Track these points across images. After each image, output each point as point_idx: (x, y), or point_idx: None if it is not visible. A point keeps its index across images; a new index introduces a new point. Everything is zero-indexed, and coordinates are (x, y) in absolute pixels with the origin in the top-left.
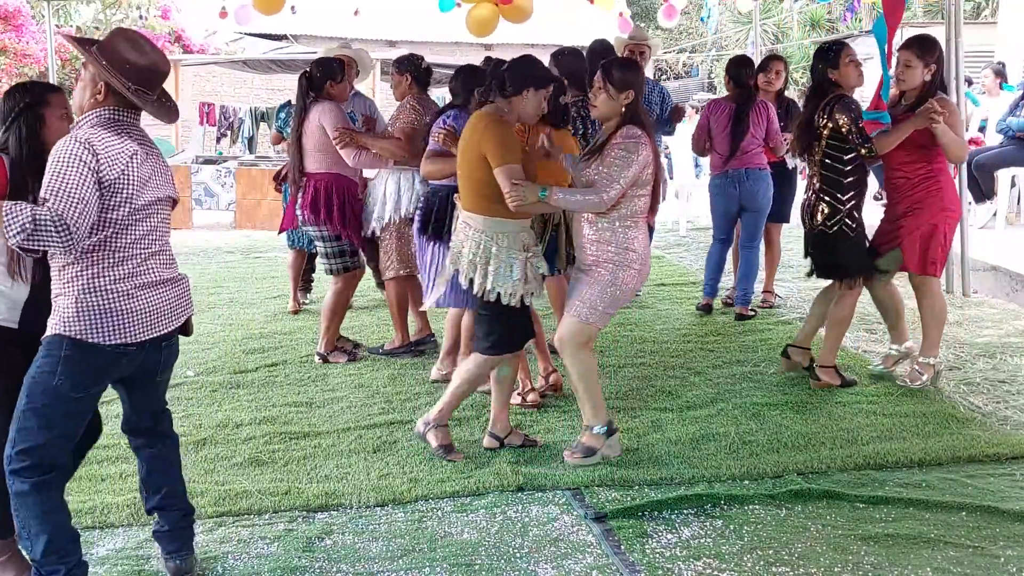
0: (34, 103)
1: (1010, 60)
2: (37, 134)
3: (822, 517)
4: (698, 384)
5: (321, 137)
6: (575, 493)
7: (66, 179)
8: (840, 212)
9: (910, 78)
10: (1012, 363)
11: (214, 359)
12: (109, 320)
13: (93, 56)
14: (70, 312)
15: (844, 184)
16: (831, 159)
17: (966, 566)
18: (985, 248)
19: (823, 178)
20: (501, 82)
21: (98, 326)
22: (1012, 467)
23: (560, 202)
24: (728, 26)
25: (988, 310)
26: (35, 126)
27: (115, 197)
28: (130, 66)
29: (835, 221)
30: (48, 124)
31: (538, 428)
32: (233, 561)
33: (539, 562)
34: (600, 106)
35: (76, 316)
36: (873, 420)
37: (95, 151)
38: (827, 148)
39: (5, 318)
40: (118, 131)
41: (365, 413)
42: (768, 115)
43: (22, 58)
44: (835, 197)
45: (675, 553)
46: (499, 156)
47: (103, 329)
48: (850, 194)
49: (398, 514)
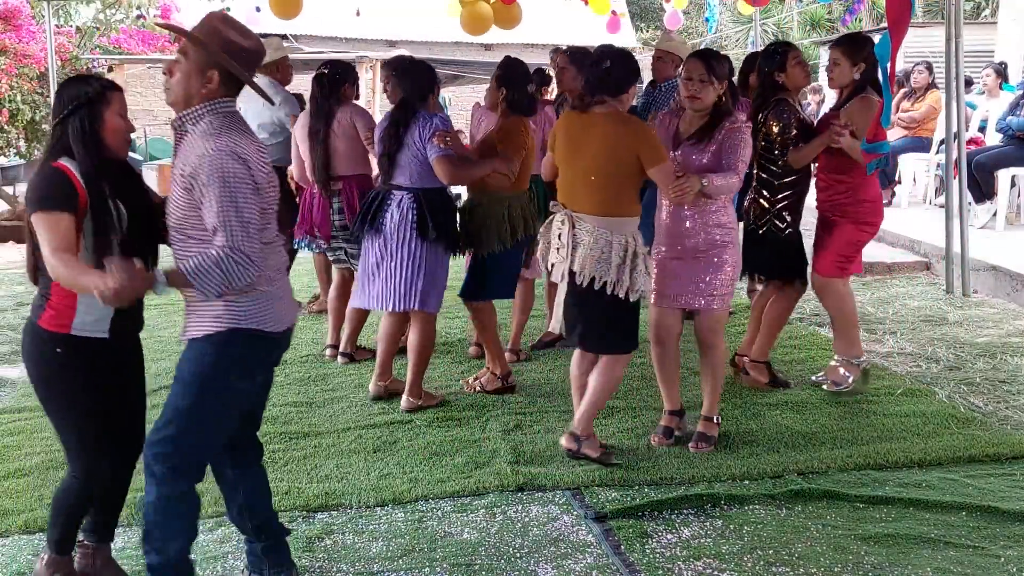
0: (95, 99)
1: (1010, 60)
2: (97, 132)
3: (822, 517)
4: (698, 384)
5: (354, 139)
6: (575, 493)
7: (236, 204)
8: (769, 212)
9: (838, 76)
10: (1012, 363)
11: None
12: (274, 307)
13: (204, 42)
14: (243, 304)
15: (776, 185)
16: (764, 159)
17: (966, 566)
18: (985, 248)
19: (758, 178)
20: (617, 82)
21: (271, 314)
22: (1012, 467)
23: (715, 189)
24: (728, 26)
25: (988, 310)
26: (95, 124)
27: (265, 198)
28: (239, 50)
29: (764, 221)
30: (107, 123)
31: (538, 428)
32: (233, 561)
33: (539, 562)
34: (704, 97)
35: (249, 307)
36: (873, 420)
37: (247, 161)
38: (762, 150)
39: (95, 329)
40: (240, 126)
41: (365, 413)
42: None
43: (22, 58)
44: (766, 197)
45: (675, 553)
46: (659, 154)
47: (273, 316)
48: (782, 195)
49: (398, 514)
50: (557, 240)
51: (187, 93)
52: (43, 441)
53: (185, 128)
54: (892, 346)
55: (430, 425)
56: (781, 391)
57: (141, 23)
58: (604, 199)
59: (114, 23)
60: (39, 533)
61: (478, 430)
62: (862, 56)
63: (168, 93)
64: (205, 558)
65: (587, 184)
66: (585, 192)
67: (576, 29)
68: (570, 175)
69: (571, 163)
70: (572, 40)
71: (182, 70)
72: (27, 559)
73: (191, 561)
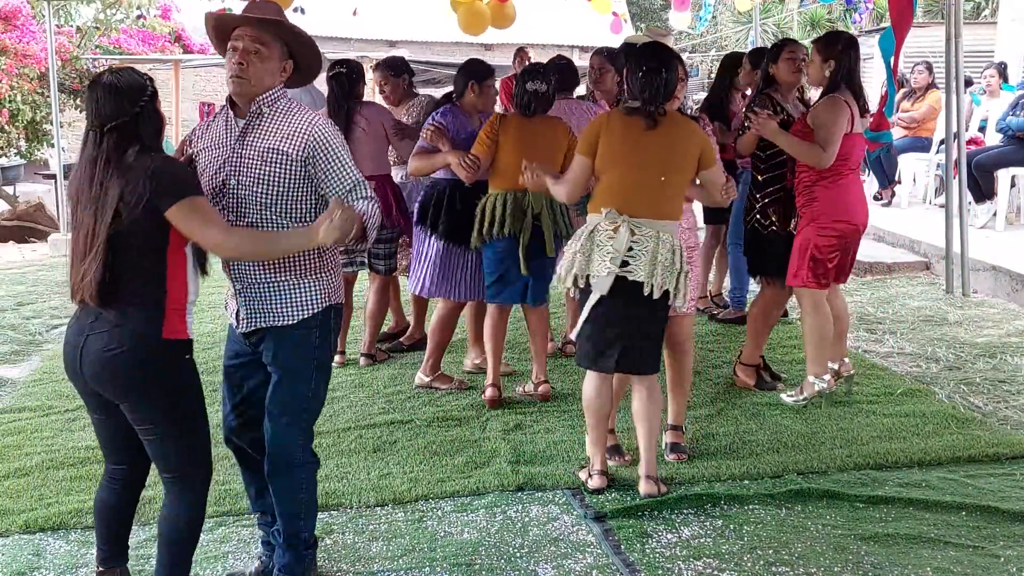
0: (154, 94)
1: (1010, 60)
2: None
3: (822, 517)
4: (698, 384)
5: (381, 139)
6: (575, 493)
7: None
8: (754, 208)
9: (812, 72)
10: (1012, 363)
11: (214, 359)
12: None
13: (297, 31)
14: (334, 279)
15: (760, 181)
16: (754, 156)
17: (966, 566)
18: (985, 248)
19: (751, 174)
20: (671, 84)
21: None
22: (1012, 467)
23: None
24: (728, 26)
25: (988, 310)
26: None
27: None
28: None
29: (751, 217)
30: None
31: (538, 428)
32: (233, 561)
33: (539, 562)
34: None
35: (335, 281)
36: (873, 420)
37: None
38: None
39: (189, 329)
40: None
41: (365, 413)
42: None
43: (22, 58)
44: (753, 194)
45: (675, 553)
46: (715, 154)
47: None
48: (765, 191)
49: (398, 514)
50: (611, 249)
51: (268, 80)
52: (43, 441)
53: (261, 111)
54: (892, 346)
55: (430, 425)
56: (778, 392)
57: (141, 23)
58: (671, 201)
59: (114, 23)
60: (39, 533)
61: (478, 430)
62: (832, 53)
63: (240, 82)
64: (205, 558)
65: (654, 186)
66: (649, 195)
67: (578, 29)
68: (629, 178)
69: (631, 165)
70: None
71: (259, 57)
72: (27, 559)
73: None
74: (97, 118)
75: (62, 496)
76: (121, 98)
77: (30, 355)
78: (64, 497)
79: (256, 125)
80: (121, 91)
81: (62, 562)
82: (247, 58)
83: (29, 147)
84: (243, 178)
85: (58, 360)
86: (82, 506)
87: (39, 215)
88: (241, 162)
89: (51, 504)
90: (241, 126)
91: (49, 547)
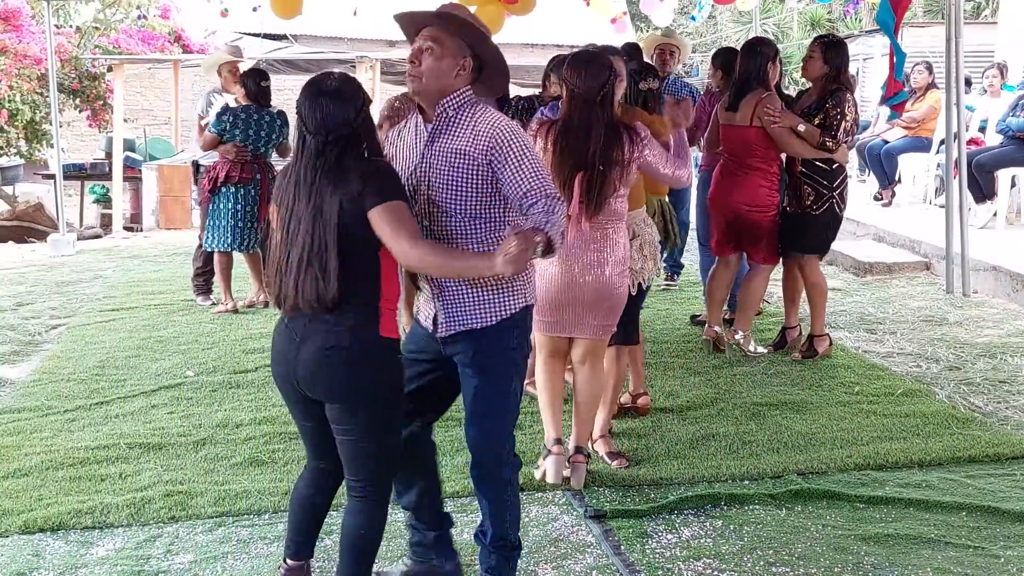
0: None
1: (1010, 60)
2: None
3: (822, 517)
4: (698, 384)
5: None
6: (575, 493)
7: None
8: (823, 196)
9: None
10: (1012, 363)
11: (214, 359)
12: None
13: (485, 32)
14: (525, 279)
15: (830, 171)
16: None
17: (966, 566)
18: (985, 248)
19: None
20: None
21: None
22: (1012, 467)
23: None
24: (728, 26)
25: (988, 310)
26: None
27: None
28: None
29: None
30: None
31: (538, 428)
32: (233, 561)
33: (539, 562)
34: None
35: (532, 282)
36: (873, 420)
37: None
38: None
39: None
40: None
41: None
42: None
43: (22, 58)
44: (821, 182)
45: (675, 553)
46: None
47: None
48: (836, 179)
49: (398, 514)
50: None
51: (443, 80)
52: (42, 441)
53: (447, 114)
54: (892, 346)
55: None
56: (777, 390)
57: (141, 23)
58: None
59: (114, 23)
60: (39, 533)
61: None
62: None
63: (413, 79)
64: (205, 558)
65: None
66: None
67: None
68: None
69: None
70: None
71: (435, 57)
72: (27, 559)
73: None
74: (323, 127)
75: (61, 496)
76: (348, 107)
77: (29, 355)
78: (63, 497)
79: (443, 129)
80: (346, 99)
81: (61, 562)
82: (419, 56)
83: (29, 147)
84: (432, 183)
85: (58, 360)
86: (81, 506)
87: (38, 215)
88: (430, 167)
89: (50, 504)
90: (429, 131)
91: (48, 547)
